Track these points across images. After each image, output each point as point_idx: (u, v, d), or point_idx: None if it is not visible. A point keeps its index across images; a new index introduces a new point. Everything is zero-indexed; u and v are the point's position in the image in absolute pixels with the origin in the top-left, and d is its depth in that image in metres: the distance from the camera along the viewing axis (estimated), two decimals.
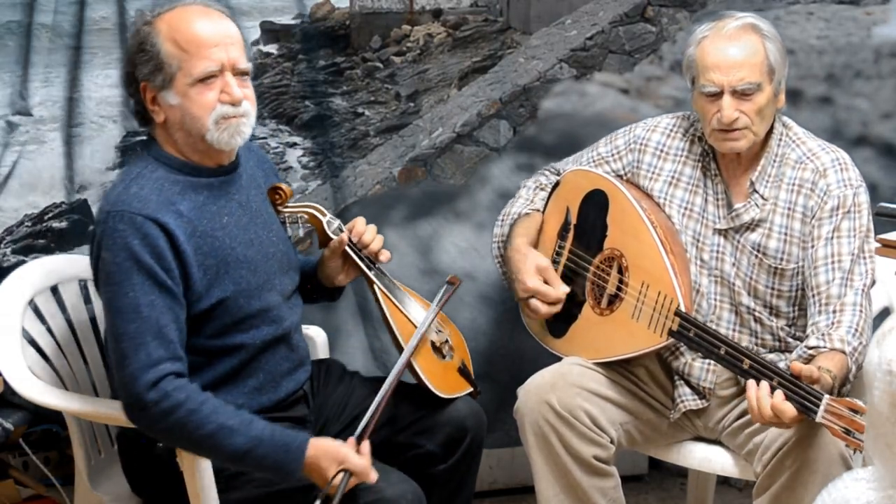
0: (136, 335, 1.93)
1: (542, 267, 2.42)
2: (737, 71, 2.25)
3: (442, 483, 2.28)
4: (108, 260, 1.95)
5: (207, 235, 2.03)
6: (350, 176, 3.00)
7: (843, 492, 1.55)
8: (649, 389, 2.42)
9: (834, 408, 1.98)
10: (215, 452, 1.97)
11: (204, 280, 2.02)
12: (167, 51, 1.98)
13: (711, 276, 2.38)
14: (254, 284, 2.09)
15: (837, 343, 2.18)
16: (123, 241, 1.94)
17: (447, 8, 3.01)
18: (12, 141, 2.80)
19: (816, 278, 2.29)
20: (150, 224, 1.95)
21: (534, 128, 3.07)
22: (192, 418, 1.92)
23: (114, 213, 1.96)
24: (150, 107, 2.03)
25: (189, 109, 1.99)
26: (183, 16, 2.02)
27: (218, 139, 2.01)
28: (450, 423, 2.26)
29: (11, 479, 2.78)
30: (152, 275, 1.94)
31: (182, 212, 2.00)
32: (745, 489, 3.13)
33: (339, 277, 2.31)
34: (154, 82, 2.00)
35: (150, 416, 1.93)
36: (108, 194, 2.05)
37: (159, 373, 1.92)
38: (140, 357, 1.92)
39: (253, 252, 2.10)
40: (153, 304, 1.94)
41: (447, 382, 2.29)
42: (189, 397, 1.93)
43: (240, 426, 1.94)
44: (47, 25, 2.77)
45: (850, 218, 2.29)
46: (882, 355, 1.49)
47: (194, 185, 2.05)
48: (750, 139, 2.30)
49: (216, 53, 1.99)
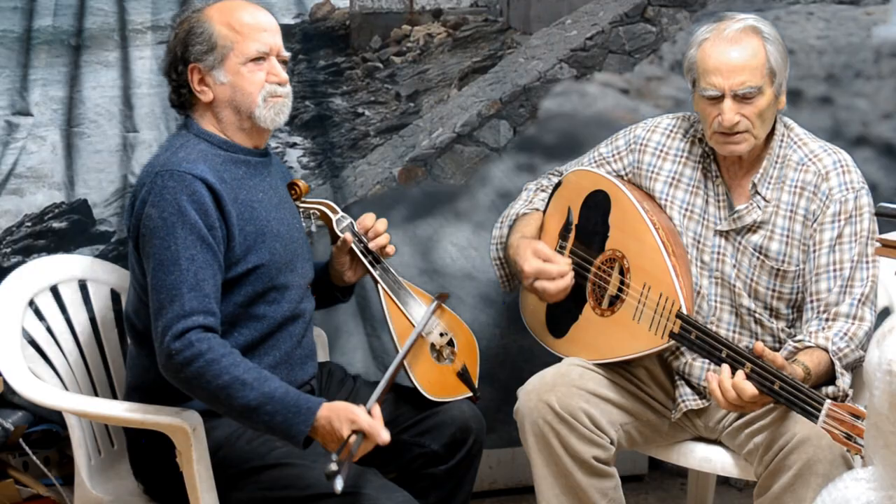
0: (173, 287, 2.00)
1: (537, 249, 2.41)
2: (738, 75, 2.24)
3: (441, 483, 2.29)
4: (154, 215, 2.03)
5: (247, 204, 2.13)
6: (350, 176, 3.00)
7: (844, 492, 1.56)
8: (649, 390, 2.42)
9: (835, 413, 1.99)
10: (228, 405, 1.99)
11: (244, 244, 2.10)
12: (220, 32, 2.13)
13: (712, 278, 2.38)
14: (284, 259, 2.18)
15: (822, 341, 2.21)
16: (173, 196, 2.03)
17: (447, 8, 3.01)
18: (12, 141, 2.79)
19: (817, 285, 2.29)
20: (198, 183, 2.04)
21: (534, 128, 3.07)
22: (210, 368, 1.97)
23: (163, 172, 2.06)
24: (196, 87, 2.15)
25: (241, 86, 2.13)
26: (233, 5, 2.18)
27: (264, 116, 2.15)
28: (454, 424, 2.27)
29: (11, 479, 2.78)
30: (196, 230, 2.02)
31: (225, 179, 2.10)
32: (746, 489, 3.13)
33: (348, 274, 2.38)
34: (205, 62, 2.13)
35: (174, 364, 1.99)
36: (154, 160, 2.14)
37: (189, 324, 1.98)
38: (174, 308, 1.99)
39: (284, 230, 2.20)
40: (193, 258, 2.01)
41: (441, 385, 2.30)
42: (210, 348, 1.98)
43: (254, 381, 1.97)
44: (47, 26, 2.76)
45: (852, 223, 2.29)
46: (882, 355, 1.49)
47: (234, 160, 2.16)
48: (751, 142, 2.29)
49: (266, 37, 2.15)
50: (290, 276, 2.20)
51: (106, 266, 2.50)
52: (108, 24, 2.80)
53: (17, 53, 2.76)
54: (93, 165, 2.84)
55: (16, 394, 2.18)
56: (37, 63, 2.77)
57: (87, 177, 2.85)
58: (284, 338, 2.19)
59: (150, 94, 2.84)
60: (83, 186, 2.85)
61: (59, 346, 2.33)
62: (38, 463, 2.75)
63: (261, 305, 2.15)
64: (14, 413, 2.79)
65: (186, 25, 2.16)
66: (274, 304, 2.16)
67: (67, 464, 2.68)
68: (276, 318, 2.17)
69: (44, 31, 2.77)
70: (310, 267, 2.31)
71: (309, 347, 2.28)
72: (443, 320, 2.38)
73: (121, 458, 2.33)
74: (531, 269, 2.39)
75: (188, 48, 2.13)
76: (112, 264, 2.52)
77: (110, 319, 2.44)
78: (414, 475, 2.28)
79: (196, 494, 2.05)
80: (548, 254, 2.41)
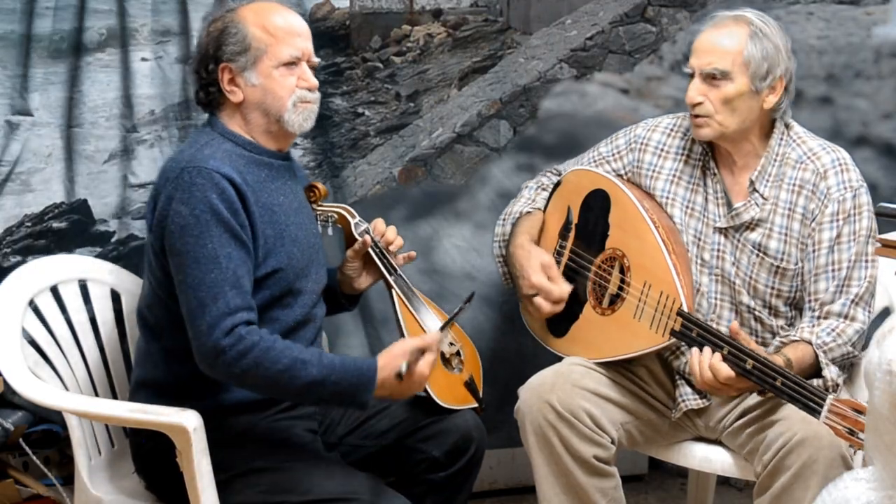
0: (215, 284, 2.00)
1: (547, 264, 2.43)
2: (707, 55, 2.28)
3: (439, 489, 2.29)
4: (186, 213, 2.02)
5: (268, 207, 2.12)
6: (350, 176, 3.00)
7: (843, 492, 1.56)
8: (650, 389, 2.42)
9: (837, 408, 1.99)
10: (292, 385, 2.02)
11: (264, 247, 2.10)
12: (255, 34, 2.11)
13: (712, 275, 2.38)
14: (301, 264, 2.17)
15: (807, 335, 2.23)
16: (203, 193, 2.02)
17: (447, 8, 3.01)
18: (12, 141, 2.79)
19: (816, 285, 2.30)
20: (225, 181, 2.04)
21: (534, 128, 3.07)
22: (267, 355, 2.00)
23: (189, 169, 2.04)
24: (226, 87, 2.14)
25: (272, 89, 2.12)
26: (268, 7, 2.17)
27: (293, 121, 2.14)
28: (457, 432, 2.27)
29: (11, 479, 2.78)
30: (230, 228, 2.03)
31: (248, 180, 2.09)
32: (745, 489, 3.13)
33: (358, 281, 2.37)
34: (237, 62, 2.12)
35: (227, 360, 1.99)
36: (178, 156, 2.13)
37: (236, 320, 2.00)
38: (219, 305, 2.00)
39: (302, 235, 2.20)
40: (231, 256, 2.02)
41: (451, 394, 2.30)
42: (262, 338, 2.01)
43: (311, 357, 2.02)
44: (48, 26, 2.76)
45: (850, 222, 2.30)
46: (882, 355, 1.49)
47: (257, 162, 2.15)
48: (714, 129, 2.31)
49: (300, 42, 2.15)
50: (304, 281, 2.19)
51: (106, 266, 2.50)
52: (108, 25, 2.79)
53: (17, 53, 2.76)
54: (93, 165, 2.84)
55: (16, 394, 2.18)
56: (37, 63, 2.77)
57: (86, 177, 2.84)
58: (295, 341, 2.16)
59: (150, 95, 2.84)
60: (83, 186, 2.85)
61: (59, 346, 2.32)
62: (38, 463, 2.75)
63: (276, 309, 2.14)
64: (14, 413, 2.80)
65: (220, 24, 2.14)
66: (288, 309, 2.16)
67: (67, 464, 2.68)
68: (289, 322, 2.16)
69: (44, 31, 2.77)
70: (324, 273, 2.30)
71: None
72: (451, 331, 2.38)
73: (121, 458, 2.33)
74: (537, 283, 2.41)
75: (221, 47, 2.12)
76: (112, 264, 2.52)
77: (110, 319, 2.44)
78: (412, 480, 2.28)
79: (196, 494, 2.04)
80: (553, 274, 2.42)
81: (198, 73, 2.17)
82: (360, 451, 2.27)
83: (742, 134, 2.33)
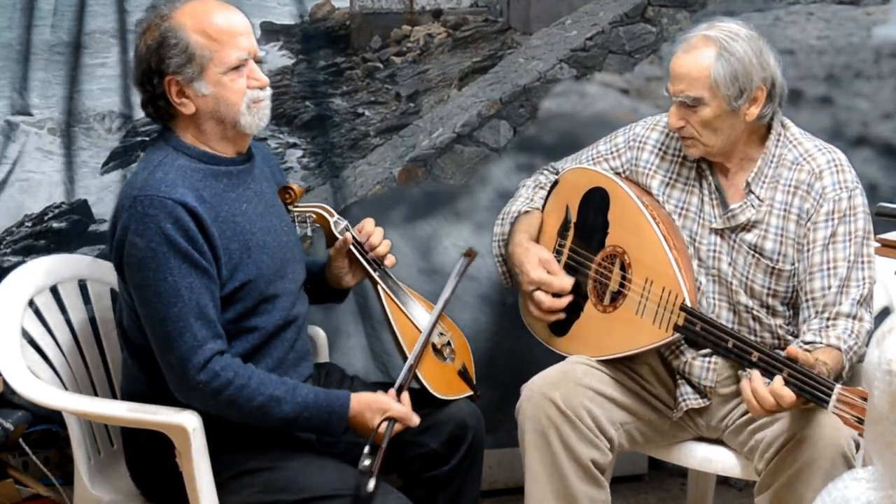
0: (179, 318, 1.98)
1: (545, 259, 2.43)
2: (679, 83, 2.28)
3: (446, 485, 2.28)
4: (141, 245, 1.98)
5: (229, 220, 2.07)
6: (350, 176, 3.00)
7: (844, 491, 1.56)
8: (652, 388, 2.42)
9: (846, 397, 1.98)
10: (266, 420, 2.05)
11: (229, 264, 2.06)
12: (197, 42, 2.02)
13: (709, 276, 2.38)
14: (272, 269, 2.14)
15: (834, 340, 2.20)
16: (156, 225, 1.97)
17: (447, 8, 3.01)
18: (12, 141, 2.79)
19: (811, 283, 2.29)
20: (179, 208, 1.98)
21: (534, 128, 3.07)
22: (242, 393, 2.00)
23: (142, 198, 1.99)
24: (176, 100, 2.06)
25: (224, 97, 2.05)
26: (203, 8, 2.06)
27: (250, 123, 2.08)
28: (451, 421, 2.27)
29: (11, 479, 2.78)
30: (188, 257, 1.99)
31: (205, 197, 2.04)
32: (745, 489, 3.13)
33: (346, 278, 2.36)
34: (183, 75, 2.03)
35: (202, 395, 2.00)
36: (132, 180, 2.07)
37: (207, 353, 1.99)
38: (186, 339, 1.98)
39: (270, 238, 2.15)
40: (192, 287, 1.99)
41: (446, 384, 2.30)
42: (237, 374, 2.01)
43: (286, 394, 2.03)
44: (47, 26, 2.76)
45: (845, 222, 2.29)
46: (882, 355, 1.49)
47: (214, 174, 2.09)
48: (700, 149, 2.33)
49: (244, 42, 2.06)
50: (280, 284, 2.16)
51: (106, 266, 2.49)
52: (108, 25, 2.79)
53: (17, 53, 2.76)
54: (93, 165, 2.84)
55: (16, 394, 2.18)
56: (37, 63, 2.77)
57: (86, 177, 2.85)
58: (277, 345, 2.17)
59: None
60: (83, 186, 2.85)
61: (59, 347, 2.32)
62: (38, 463, 2.75)
63: (252, 318, 2.12)
64: (14, 413, 2.79)
65: (157, 34, 2.03)
66: (265, 315, 2.13)
67: (67, 464, 2.68)
68: (269, 328, 2.14)
69: (44, 31, 2.77)
70: (301, 268, 2.27)
71: (302, 349, 2.26)
72: (441, 321, 2.38)
73: (120, 458, 2.33)
74: (536, 278, 2.41)
75: (164, 60, 2.02)
76: (112, 264, 2.51)
77: (110, 319, 2.43)
78: (417, 480, 2.28)
79: (196, 494, 2.04)
80: (553, 267, 2.42)
81: (142, 86, 2.08)
82: (358, 448, 2.26)
83: (731, 146, 2.34)
